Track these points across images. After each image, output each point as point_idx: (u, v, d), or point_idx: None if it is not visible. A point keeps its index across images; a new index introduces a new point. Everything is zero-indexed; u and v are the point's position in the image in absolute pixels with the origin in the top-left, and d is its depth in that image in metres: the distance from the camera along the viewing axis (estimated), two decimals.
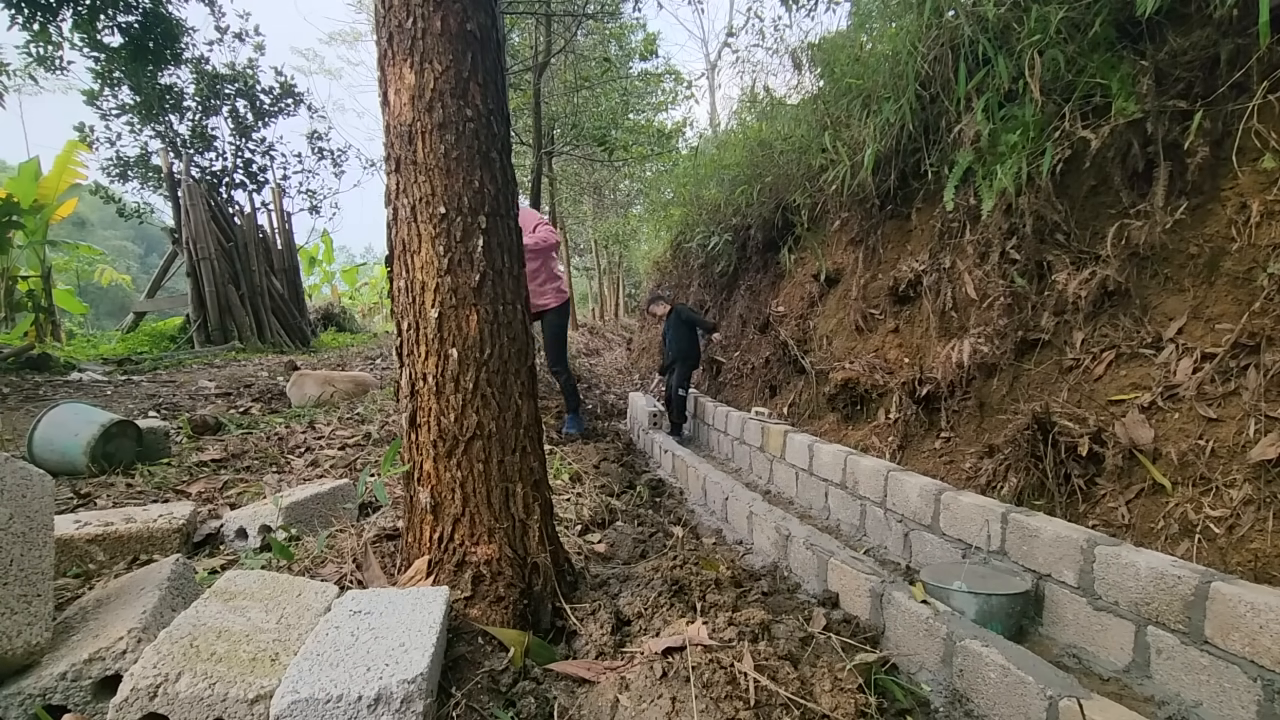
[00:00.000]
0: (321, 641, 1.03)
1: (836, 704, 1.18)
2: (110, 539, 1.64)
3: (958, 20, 2.87)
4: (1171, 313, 2.13)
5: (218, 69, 8.84)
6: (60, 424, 2.57)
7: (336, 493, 2.17)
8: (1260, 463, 1.71)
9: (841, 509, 2.92)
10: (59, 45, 6.18)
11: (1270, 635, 1.35)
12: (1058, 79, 2.46)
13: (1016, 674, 1.35)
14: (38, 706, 0.96)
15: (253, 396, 4.86)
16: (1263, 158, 1.92)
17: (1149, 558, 1.64)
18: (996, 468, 2.41)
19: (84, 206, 16.09)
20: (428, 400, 1.42)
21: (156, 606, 1.13)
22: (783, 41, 5.51)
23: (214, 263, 8.24)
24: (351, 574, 1.58)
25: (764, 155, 5.26)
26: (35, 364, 5.46)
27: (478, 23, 1.41)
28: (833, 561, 2.02)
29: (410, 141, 1.39)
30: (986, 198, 2.69)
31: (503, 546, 1.42)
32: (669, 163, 10.50)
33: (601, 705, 1.14)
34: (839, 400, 3.58)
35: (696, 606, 1.49)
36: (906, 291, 3.38)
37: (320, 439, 3.50)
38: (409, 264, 1.42)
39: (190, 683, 0.92)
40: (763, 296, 5.40)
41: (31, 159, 8.22)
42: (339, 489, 2.19)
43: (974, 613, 1.80)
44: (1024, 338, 2.60)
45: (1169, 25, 2.22)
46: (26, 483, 1.09)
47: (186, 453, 3.02)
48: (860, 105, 3.64)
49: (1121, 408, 2.12)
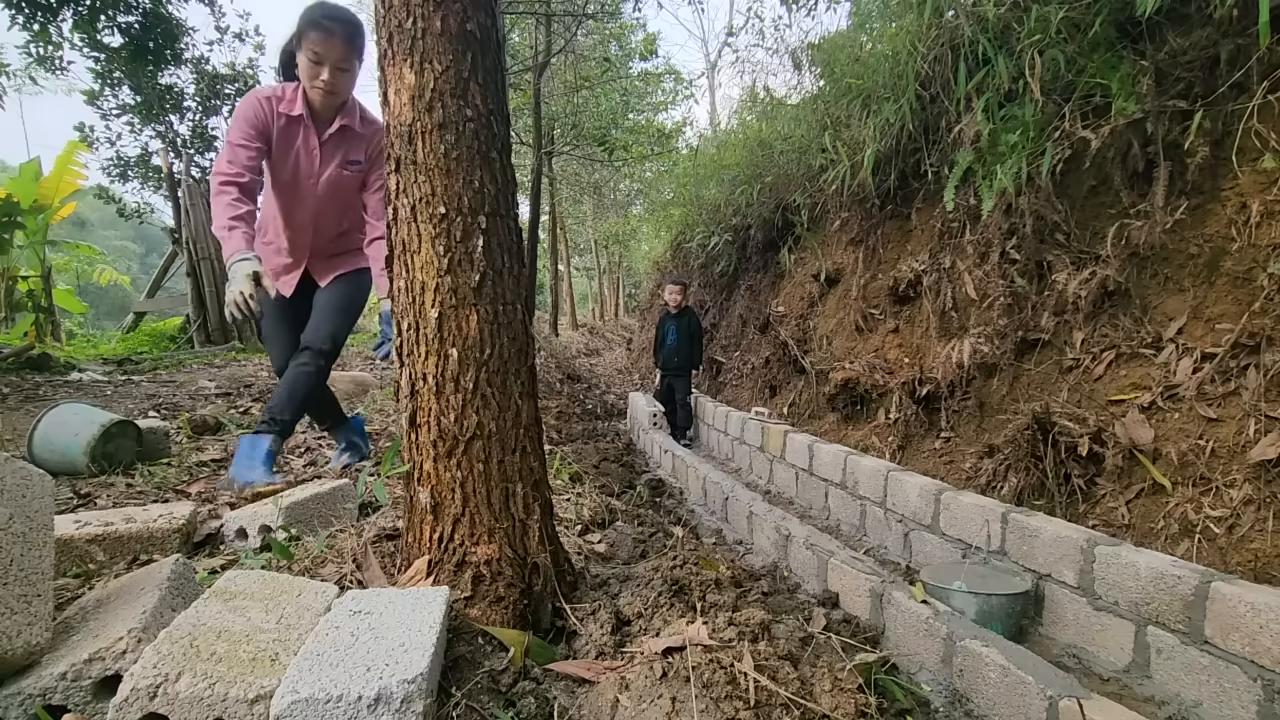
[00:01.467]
0: (321, 641, 1.03)
1: (836, 704, 1.18)
2: (110, 539, 1.64)
3: (958, 20, 2.87)
4: (1171, 313, 2.13)
5: (218, 69, 8.84)
6: (60, 424, 2.57)
7: (336, 493, 2.16)
8: (1260, 463, 1.71)
9: (841, 509, 2.92)
10: (59, 45, 6.19)
11: (1270, 635, 1.35)
12: (1058, 79, 2.47)
13: (1016, 674, 1.35)
14: (38, 706, 0.96)
15: (253, 396, 4.86)
16: (1263, 158, 1.92)
17: (1149, 558, 1.64)
18: (996, 468, 2.41)
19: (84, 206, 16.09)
20: (428, 400, 1.42)
21: (156, 606, 1.13)
22: (783, 41, 5.53)
23: (214, 263, 8.24)
24: (351, 574, 1.58)
25: (764, 155, 5.26)
26: (35, 364, 5.46)
27: (478, 23, 1.41)
28: (833, 561, 2.02)
29: (410, 141, 1.39)
30: (986, 198, 2.69)
31: (503, 546, 1.42)
32: (669, 163, 10.52)
33: (601, 705, 1.14)
34: (839, 400, 3.58)
35: (696, 606, 1.49)
36: (906, 291, 3.38)
37: (320, 439, 3.50)
38: (409, 264, 1.42)
39: (190, 683, 0.92)
40: (763, 296, 5.40)
41: (32, 159, 8.23)
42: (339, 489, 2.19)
43: (974, 613, 1.80)
44: (1024, 338, 2.60)
45: (1169, 25, 2.22)
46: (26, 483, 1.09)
47: (186, 453, 3.02)
48: (860, 105, 3.65)
49: (1121, 408, 2.12)
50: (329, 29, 2.26)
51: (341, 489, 2.20)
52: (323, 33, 2.25)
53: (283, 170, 2.43)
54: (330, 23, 2.26)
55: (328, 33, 2.25)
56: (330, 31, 2.25)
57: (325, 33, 2.25)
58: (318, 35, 2.25)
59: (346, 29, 2.30)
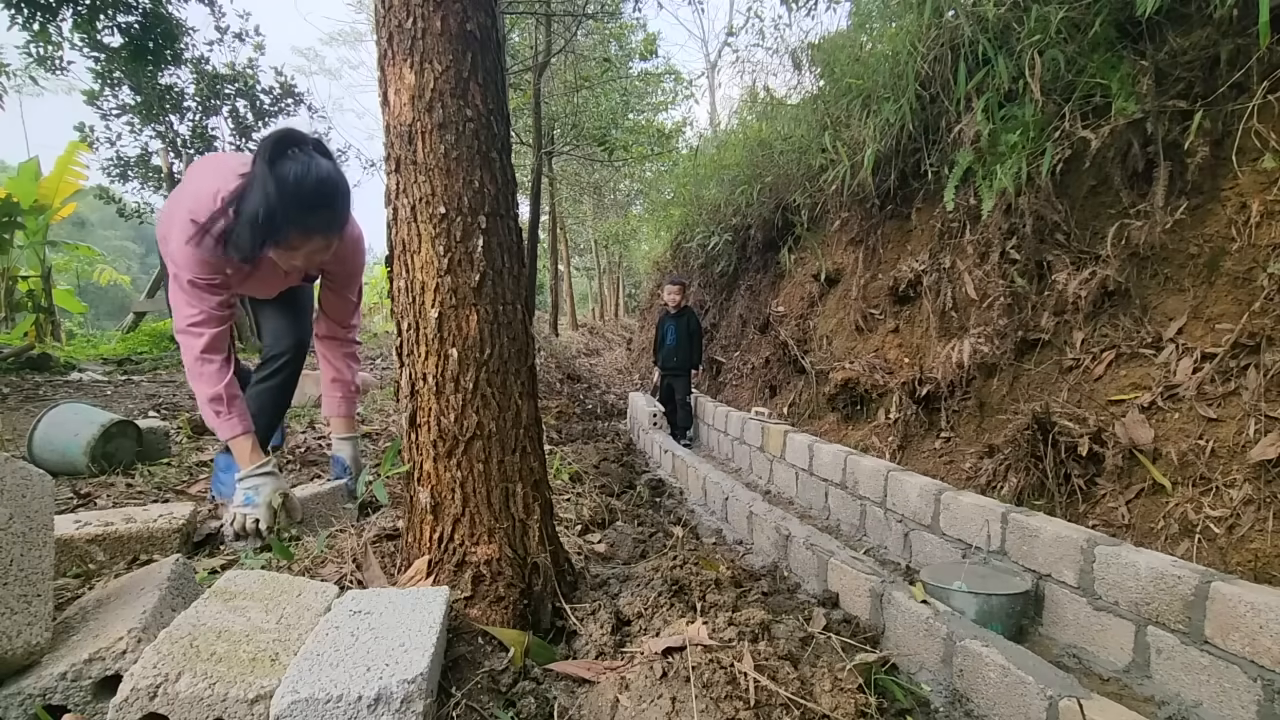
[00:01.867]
0: (321, 641, 1.03)
1: (836, 704, 1.18)
2: (110, 539, 1.64)
3: (958, 20, 2.87)
4: (1171, 313, 2.13)
5: (218, 69, 8.83)
6: (60, 424, 2.57)
7: (336, 493, 2.17)
8: (1260, 463, 1.71)
9: (841, 509, 2.92)
10: (59, 45, 6.18)
11: (1270, 635, 1.35)
12: (1058, 79, 2.47)
13: (1016, 674, 1.35)
14: (38, 706, 0.96)
15: None
16: (1263, 158, 1.92)
17: (1149, 558, 1.64)
18: (996, 468, 2.41)
19: (84, 206, 16.09)
20: (428, 400, 1.42)
21: (156, 606, 1.13)
22: (783, 41, 5.52)
23: None
24: (351, 574, 1.58)
25: (764, 155, 5.26)
26: (35, 364, 5.46)
27: (478, 23, 1.41)
28: (833, 561, 2.02)
29: (410, 141, 1.39)
30: (986, 198, 2.69)
31: (503, 546, 1.42)
32: (669, 163, 10.52)
33: (601, 705, 1.14)
34: (839, 400, 3.58)
35: (696, 606, 1.49)
36: (906, 291, 3.38)
37: (320, 439, 3.50)
38: (409, 264, 1.42)
39: (190, 683, 0.92)
40: (763, 296, 5.40)
41: (32, 159, 8.23)
42: (339, 489, 2.19)
43: (974, 613, 1.80)
44: (1024, 338, 2.60)
45: (1169, 25, 2.22)
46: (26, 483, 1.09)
47: (186, 453, 3.02)
48: (860, 105, 3.65)
49: (1121, 408, 2.12)
50: (313, 228, 1.76)
51: (341, 489, 2.20)
52: (305, 232, 1.75)
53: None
54: (317, 218, 1.75)
55: (310, 232, 1.77)
56: (314, 231, 1.77)
57: (307, 232, 1.76)
58: (298, 235, 1.75)
59: (336, 219, 1.81)
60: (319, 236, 1.79)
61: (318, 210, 1.73)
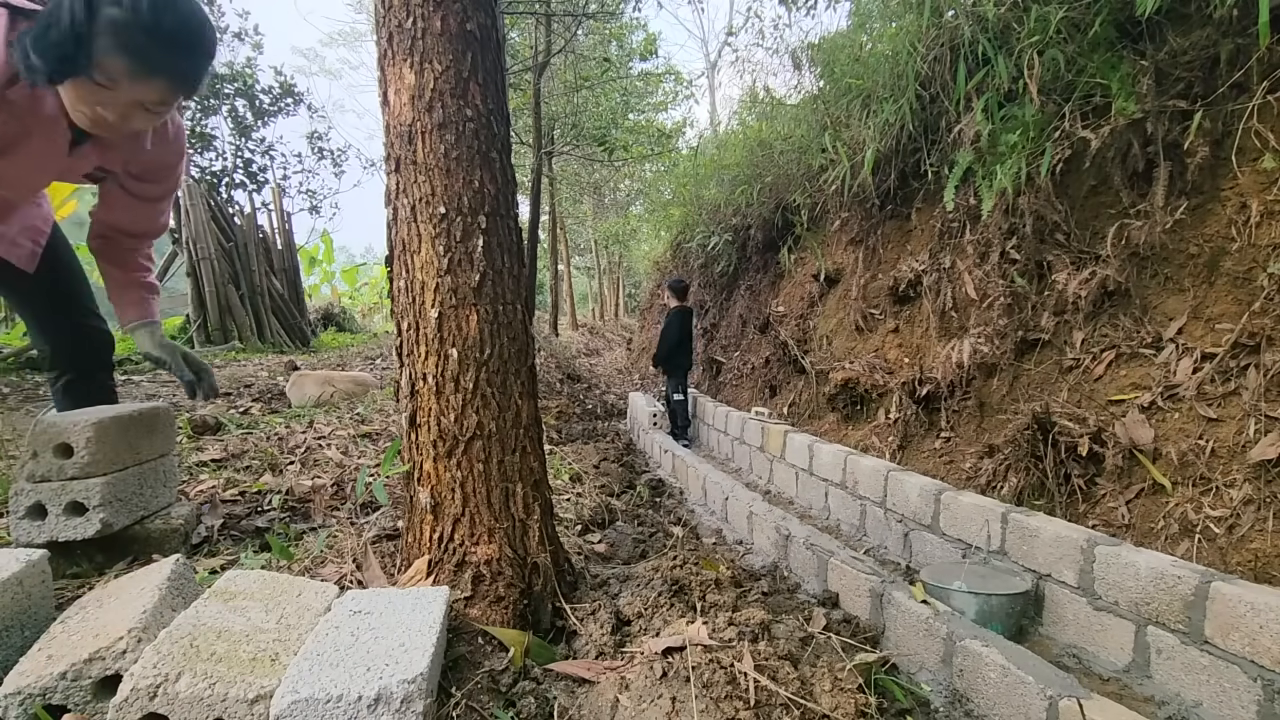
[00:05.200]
0: (321, 641, 1.03)
1: (836, 704, 1.18)
2: (110, 539, 1.63)
3: (957, 20, 2.87)
4: (1171, 313, 2.13)
5: (217, 69, 8.84)
6: None
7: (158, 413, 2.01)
8: (1260, 463, 1.71)
9: (841, 509, 2.92)
10: None
11: (1270, 635, 1.35)
12: (1058, 79, 2.47)
13: (1016, 674, 1.35)
14: (37, 706, 0.96)
15: (253, 396, 4.86)
16: (1263, 158, 1.92)
17: (1149, 558, 1.64)
18: (996, 468, 2.41)
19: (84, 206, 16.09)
20: (428, 400, 1.42)
21: (156, 606, 1.13)
22: (783, 41, 5.53)
23: (214, 263, 8.24)
24: (351, 574, 1.58)
25: (764, 155, 5.26)
26: (35, 364, 5.46)
27: (478, 23, 1.41)
28: (833, 561, 2.02)
29: (410, 141, 1.39)
30: (986, 198, 2.69)
31: (503, 546, 1.42)
32: (669, 163, 10.51)
33: (601, 705, 1.14)
34: (839, 400, 3.58)
35: (696, 606, 1.49)
36: (906, 291, 3.38)
37: (320, 439, 3.50)
38: (409, 264, 1.42)
39: (190, 683, 0.91)
40: (763, 296, 5.40)
41: None
42: (156, 408, 2.04)
43: (974, 613, 1.80)
44: (1024, 338, 2.60)
45: (1169, 25, 2.22)
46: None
47: (186, 453, 3.02)
48: (860, 105, 3.65)
49: (1121, 408, 2.12)
50: (159, 67, 1.25)
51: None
52: (146, 67, 1.24)
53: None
54: (170, 55, 1.26)
55: (154, 72, 1.26)
56: (158, 73, 1.26)
57: (150, 68, 1.25)
58: (135, 67, 1.23)
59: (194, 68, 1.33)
60: (161, 82, 1.28)
61: (177, 43, 1.26)
